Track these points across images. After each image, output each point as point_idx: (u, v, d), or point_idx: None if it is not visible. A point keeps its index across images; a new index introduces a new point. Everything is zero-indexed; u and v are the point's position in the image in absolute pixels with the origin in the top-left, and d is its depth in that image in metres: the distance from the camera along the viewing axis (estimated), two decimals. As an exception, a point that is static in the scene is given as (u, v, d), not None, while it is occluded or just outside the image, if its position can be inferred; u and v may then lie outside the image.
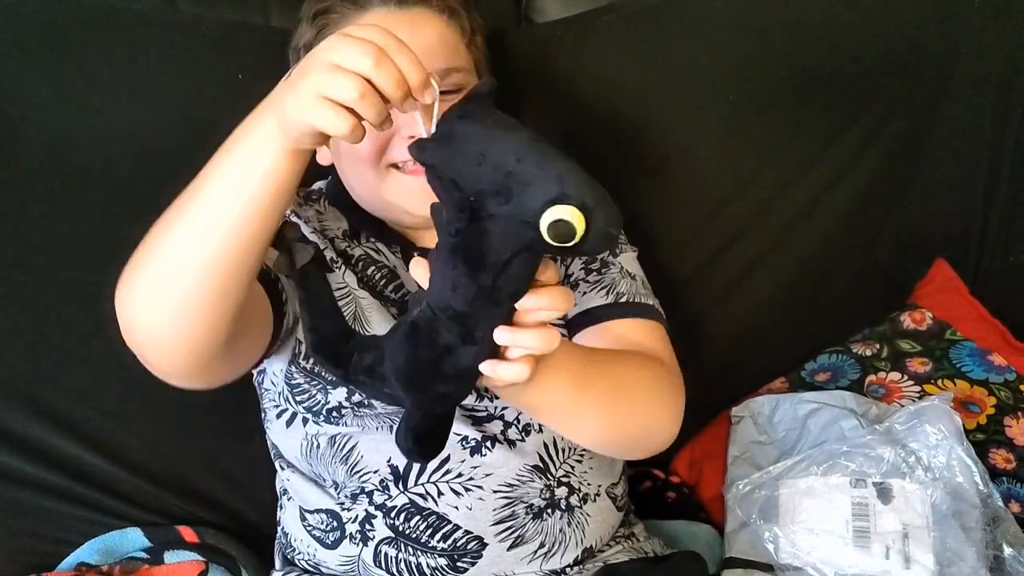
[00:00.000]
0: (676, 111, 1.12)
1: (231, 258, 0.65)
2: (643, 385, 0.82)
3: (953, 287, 1.20)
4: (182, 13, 1.05)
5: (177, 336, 0.68)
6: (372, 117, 0.58)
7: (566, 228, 0.57)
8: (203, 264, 0.65)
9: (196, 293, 0.66)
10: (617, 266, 0.92)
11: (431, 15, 0.87)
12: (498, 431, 0.85)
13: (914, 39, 1.16)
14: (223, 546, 0.98)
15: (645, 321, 0.89)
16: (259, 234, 0.65)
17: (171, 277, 0.66)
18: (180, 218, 0.66)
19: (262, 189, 0.63)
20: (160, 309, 0.67)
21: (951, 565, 0.91)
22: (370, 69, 0.57)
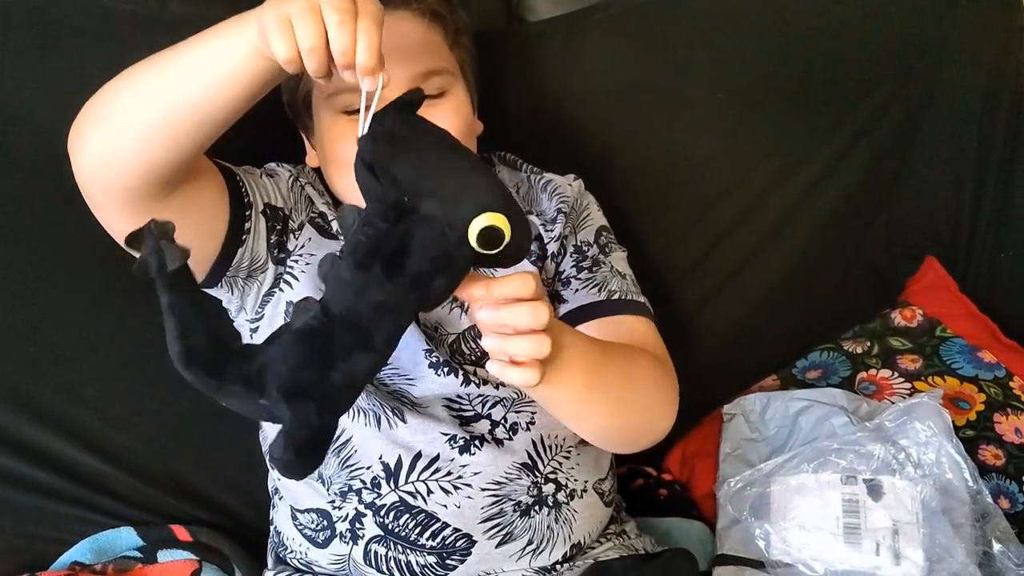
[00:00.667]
0: (667, 109, 1.13)
1: (179, 117, 0.71)
2: (646, 378, 0.83)
3: (943, 284, 1.21)
4: (173, 12, 1.05)
5: (117, 160, 0.74)
6: (311, 69, 0.64)
7: (495, 234, 0.59)
8: (160, 107, 0.71)
9: (147, 127, 0.72)
10: (608, 265, 0.92)
11: (412, 18, 0.88)
12: (485, 431, 0.86)
13: (903, 39, 1.17)
14: (216, 545, 0.99)
15: (638, 318, 0.90)
16: (210, 112, 0.71)
17: (132, 107, 0.73)
18: (156, 64, 0.72)
19: (227, 74, 0.69)
20: (111, 132, 0.73)
21: (940, 561, 0.91)
22: (332, 25, 0.62)
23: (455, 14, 0.92)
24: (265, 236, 0.85)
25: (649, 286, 0.96)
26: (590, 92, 1.11)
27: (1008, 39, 1.20)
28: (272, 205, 0.86)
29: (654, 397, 0.84)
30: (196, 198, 0.78)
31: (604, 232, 0.95)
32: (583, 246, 0.93)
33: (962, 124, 1.20)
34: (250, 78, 0.69)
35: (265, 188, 0.87)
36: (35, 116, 0.99)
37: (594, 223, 0.95)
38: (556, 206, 0.94)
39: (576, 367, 0.72)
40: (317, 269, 0.64)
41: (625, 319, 0.89)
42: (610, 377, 0.78)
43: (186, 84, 0.70)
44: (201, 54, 0.70)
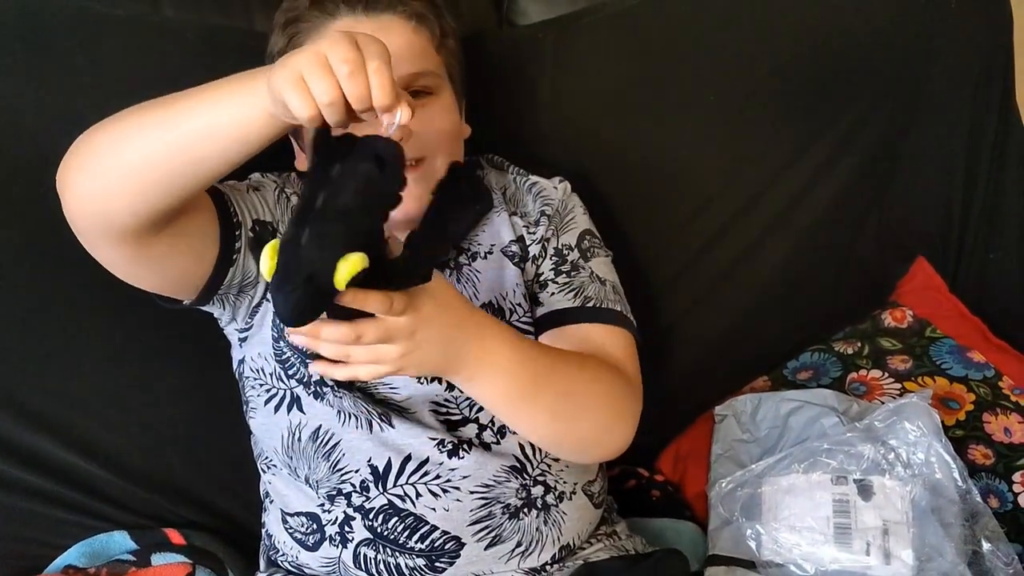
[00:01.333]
0: (657, 112, 1.13)
1: (176, 165, 0.71)
2: (597, 389, 0.84)
3: (933, 285, 1.21)
4: (166, 17, 1.05)
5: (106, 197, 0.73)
6: (333, 121, 0.64)
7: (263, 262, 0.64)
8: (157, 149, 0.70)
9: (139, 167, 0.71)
10: (587, 270, 0.92)
11: (398, 21, 0.88)
12: (473, 435, 0.86)
13: (892, 40, 1.17)
14: (209, 548, 0.99)
15: (611, 327, 0.89)
16: (209, 163, 0.71)
17: (122, 146, 0.72)
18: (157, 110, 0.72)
19: (230, 129, 0.69)
20: (102, 170, 0.73)
21: (930, 560, 0.92)
22: (343, 78, 0.62)
23: (441, 18, 0.92)
24: (255, 252, 0.85)
25: (639, 288, 0.97)
26: (580, 95, 1.11)
27: (997, 40, 1.20)
28: (261, 220, 0.87)
29: (605, 412, 0.84)
30: (187, 227, 0.78)
31: (587, 236, 0.95)
32: (564, 249, 0.93)
33: (951, 126, 1.21)
34: (257, 137, 0.69)
35: (253, 203, 0.87)
36: (28, 122, 0.99)
37: (577, 227, 0.95)
38: (540, 208, 0.95)
39: (500, 368, 0.77)
40: None
41: (595, 328, 0.89)
42: (548, 383, 0.80)
43: (189, 139, 0.70)
44: (207, 111, 0.69)
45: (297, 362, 0.87)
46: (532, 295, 0.92)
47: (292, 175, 0.95)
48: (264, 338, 0.88)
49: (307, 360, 0.86)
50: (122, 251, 0.76)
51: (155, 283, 0.83)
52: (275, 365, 0.88)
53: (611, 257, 0.96)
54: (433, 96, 0.88)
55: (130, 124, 0.72)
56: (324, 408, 0.86)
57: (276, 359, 0.88)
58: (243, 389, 0.93)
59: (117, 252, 0.77)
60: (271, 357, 0.88)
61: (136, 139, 0.71)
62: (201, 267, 0.82)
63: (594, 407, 0.84)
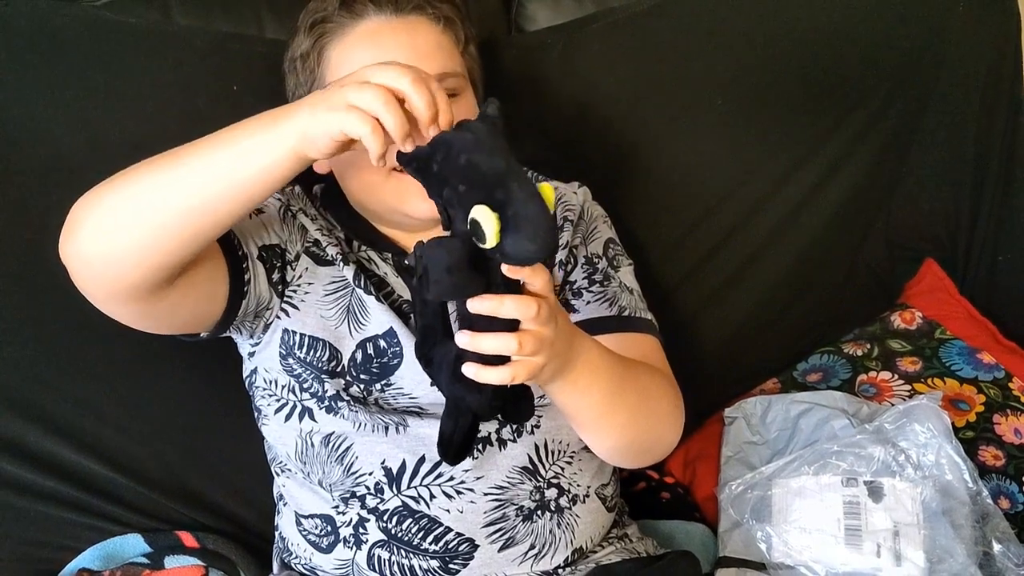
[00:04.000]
0: (665, 116, 1.13)
1: (195, 219, 0.70)
2: (658, 394, 0.85)
3: (942, 287, 1.21)
4: (177, 25, 1.06)
5: (118, 264, 0.72)
6: (393, 126, 0.64)
7: (477, 229, 0.62)
8: (174, 211, 0.69)
9: (157, 233, 0.70)
10: (618, 280, 0.93)
11: (427, 23, 0.89)
12: (492, 429, 0.86)
13: (900, 43, 1.17)
14: (222, 551, 0.99)
15: (645, 336, 0.91)
16: (230, 212, 0.70)
17: (136, 205, 0.70)
18: (171, 165, 0.70)
19: (254, 177, 0.68)
20: (115, 236, 0.71)
21: (941, 562, 0.92)
22: (407, 85, 0.65)
23: (465, 24, 0.93)
24: (265, 277, 0.86)
25: (650, 290, 0.97)
26: (589, 100, 1.12)
27: (1005, 42, 1.20)
28: (267, 245, 0.87)
29: (665, 412, 0.85)
30: (197, 276, 0.78)
31: (612, 244, 0.96)
32: (594, 258, 0.94)
33: (960, 127, 1.21)
34: (282, 180, 0.69)
35: (257, 230, 0.87)
36: (40, 128, 1.00)
37: (602, 235, 0.96)
38: (562, 214, 0.95)
39: (592, 374, 0.74)
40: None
41: (634, 336, 0.90)
42: (628, 389, 0.79)
43: (213, 197, 0.68)
44: (231, 165, 0.68)
45: (310, 378, 0.87)
46: (564, 301, 0.92)
47: (296, 189, 0.95)
48: (273, 353, 0.88)
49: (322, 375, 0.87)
50: (133, 308, 0.76)
51: (168, 329, 0.83)
52: (289, 379, 0.88)
53: (632, 265, 0.97)
54: (458, 97, 0.88)
55: (144, 185, 0.70)
56: (338, 420, 0.87)
57: (289, 373, 0.88)
58: (253, 398, 0.93)
59: (127, 309, 0.76)
60: (284, 371, 0.88)
61: (154, 201, 0.70)
62: (214, 306, 0.82)
63: (660, 408, 0.84)
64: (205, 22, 1.07)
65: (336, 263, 0.89)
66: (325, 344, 0.87)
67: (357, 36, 0.87)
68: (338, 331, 0.87)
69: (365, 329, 0.87)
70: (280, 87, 0.95)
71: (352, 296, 0.88)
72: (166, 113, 1.03)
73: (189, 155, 0.70)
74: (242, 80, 1.04)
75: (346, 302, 0.88)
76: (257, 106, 1.02)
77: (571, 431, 0.88)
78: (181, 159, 0.70)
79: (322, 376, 0.87)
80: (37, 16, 1.01)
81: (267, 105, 0.97)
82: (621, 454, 0.86)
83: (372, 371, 0.87)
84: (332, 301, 0.88)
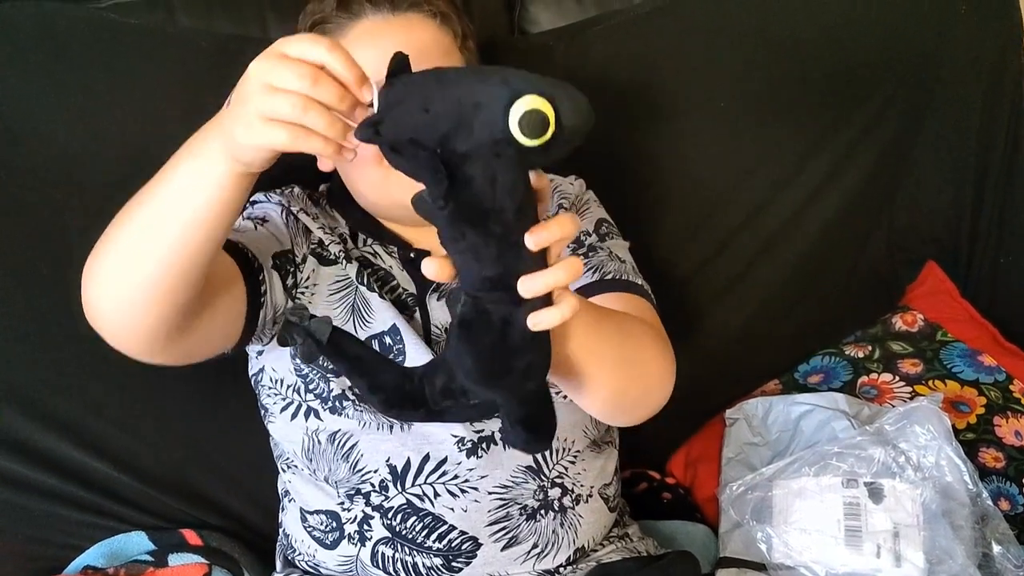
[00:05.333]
0: (668, 117, 1.14)
1: (180, 260, 0.69)
2: (648, 344, 0.82)
3: (944, 289, 1.21)
4: (181, 26, 1.06)
5: (131, 319, 0.72)
6: (322, 127, 0.59)
7: (537, 117, 0.54)
8: (154, 260, 0.69)
9: (148, 283, 0.70)
10: (606, 250, 0.92)
11: (424, 19, 0.89)
12: (495, 429, 0.86)
13: (902, 45, 1.17)
14: (226, 548, 1.00)
15: (632, 296, 0.89)
16: (205, 243, 0.68)
17: (126, 267, 0.71)
18: (133, 220, 0.70)
19: (207, 209, 0.66)
20: (116, 294, 0.72)
21: (941, 563, 0.92)
22: (309, 89, 0.58)
23: (462, 19, 0.93)
24: (280, 284, 0.86)
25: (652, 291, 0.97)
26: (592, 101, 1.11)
27: (1007, 44, 1.21)
28: (279, 252, 0.87)
29: (654, 362, 0.82)
30: (218, 299, 0.78)
31: (604, 223, 0.96)
32: (581, 236, 0.93)
33: (961, 129, 1.21)
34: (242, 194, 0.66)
35: (267, 240, 0.86)
36: (43, 128, 1.00)
37: (594, 215, 0.96)
38: (557, 203, 0.96)
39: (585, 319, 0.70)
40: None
41: (620, 296, 0.88)
42: (617, 336, 0.76)
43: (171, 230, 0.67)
44: (174, 200, 0.67)
45: (316, 378, 0.88)
46: None
47: (294, 190, 0.95)
48: (282, 353, 0.89)
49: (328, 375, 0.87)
50: (172, 349, 0.76)
51: (204, 356, 0.83)
52: (296, 379, 0.89)
53: (629, 245, 0.96)
54: None
55: (120, 243, 0.71)
56: (343, 419, 0.87)
57: (296, 374, 0.89)
58: (259, 396, 0.93)
59: (167, 353, 0.77)
60: (291, 371, 0.89)
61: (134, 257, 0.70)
62: (236, 326, 0.82)
63: (651, 360, 0.81)
64: (208, 23, 1.07)
65: (339, 261, 0.90)
66: None
67: (355, 36, 0.88)
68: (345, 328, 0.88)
69: (370, 326, 0.88)
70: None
71: (356, 294, 0.89)
72: (169, 114, 1.03)
73: (142, 204, 0.69)
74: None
75: (351, 300, 0.89)
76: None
77: (575, 430, 0.89)
78: (138, 210, 0.69)
79: (328, 375, 0.87)
80: (41, 17, 1.02)
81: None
82: (611, 406, 0.82)
83: None
84: (337, 300, 0.89)
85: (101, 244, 0.72)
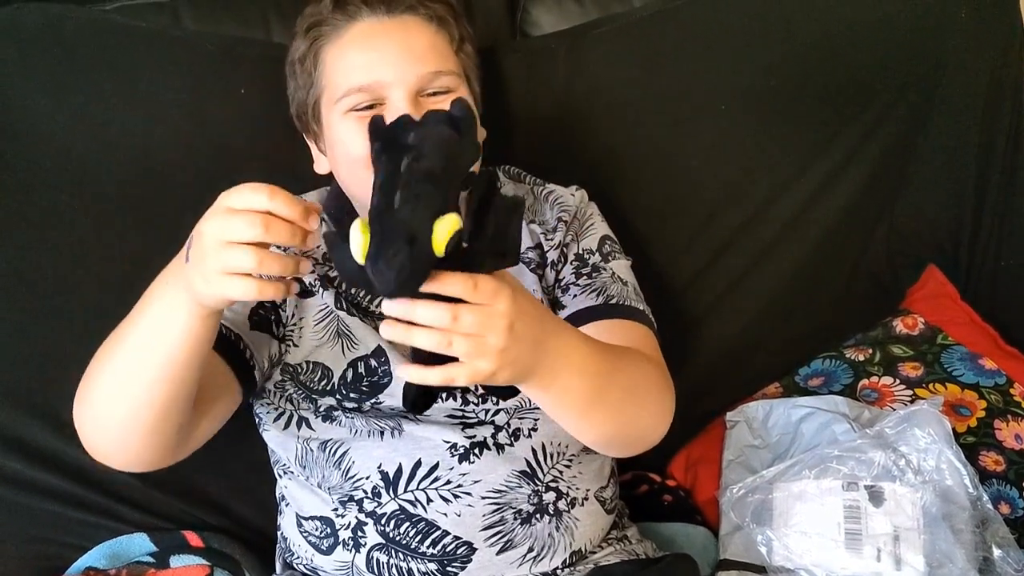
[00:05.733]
0: (669, 122, 1.14)
1: (162, 392, 0.73)
2: (649, 383, 0.84)
3: (944, 292, 1.21)
4: (186, 29, 1.07)
5: (126, 446, 0.78)
6: (277, 271, 0.64)
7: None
8: (136, 396, 0.74)
9: (135, 416, 0.75)
10: (609, 271, 0.93)
11: (420, 22, 0.90)
12: (488, 435, 0.87)
13: (902, 49, 1.17)
14: (227, 550, 1.00)
15: (635, 324, 0.90)
16: (184, 373, 0.73)
17: (112, 403, 0.76)
18: (113, 361, 0.75)
19: (180, 347, 0.71)
20: (107, 426, 0.78)
21: (941, 567, 0.92)
22: (263, 236, 0.62)
23: (460, 22, 0.94)
24: (267, 336, 0.89)
25: (653, 295, 0.98)
26: (593, 104, 1.13)
27: (1008, 48, 1.20)
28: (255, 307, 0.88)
29: (655, 404, 0.84)
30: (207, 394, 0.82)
31: (608, 241, 0.97)
32: (585, 254, 0.94)
33: (962, 133, 1.21)
34: (215, 329, 0.71)
35: (241, 305, 0.88)
36: (50, 131, 1.01)
37: (597, 232, 0.97)
38: (557, 215, 0.96)
39: (572, 376, 0.72)
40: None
41: (622, 323, 0.89)
42: (613, 385, 0.77)
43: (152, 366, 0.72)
44: (152, 340, 0.72)
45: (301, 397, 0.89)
46: (554, 300, 0.92)
47: None
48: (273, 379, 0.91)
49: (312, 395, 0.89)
50: (180, 452, 0.83)
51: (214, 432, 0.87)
52: (292, 389, 0.90)
53: (631, 262, 0.97)
54: (454, 93, 0.89)
55: (106, 381, 0.75)
56: (335, 427, 0.88)
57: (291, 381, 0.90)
58: (253, 405, 0.94)
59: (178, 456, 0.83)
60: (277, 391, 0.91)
61: (121, 392, 0.75)
62: (232, 401, 0.87)
63: (649, 400, 0.83)
64: (213, 26, 1.08)
65: (316, 291, 0.90)
66: (318, 365, 0.89)
67: (351, 37, 0.89)
68: (333, 352, 0.89)
69: (356, 349, 0.89)
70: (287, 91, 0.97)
71: (338, 321, 0.90)
72: (174, 116, 1.04)
73: (119, 348, 0.74)
74: (250, 83, 1.05)
75: (335, 327, 0.90)
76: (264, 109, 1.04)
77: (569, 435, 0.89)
78: (117, 352, 0.74)
79: (313, 396, 0.89)
80: (47, 19, 1.02)
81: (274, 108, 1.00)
82: (603, 446, 0.86)
83: (362, 389, 0.88)
84: (323, 329, 0.90)
85: (87, 380, 0.77)
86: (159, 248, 1.01)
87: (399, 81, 0.86)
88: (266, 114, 1.03)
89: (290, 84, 0.95)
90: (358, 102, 0.88)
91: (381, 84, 0.87)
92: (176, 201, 1.04)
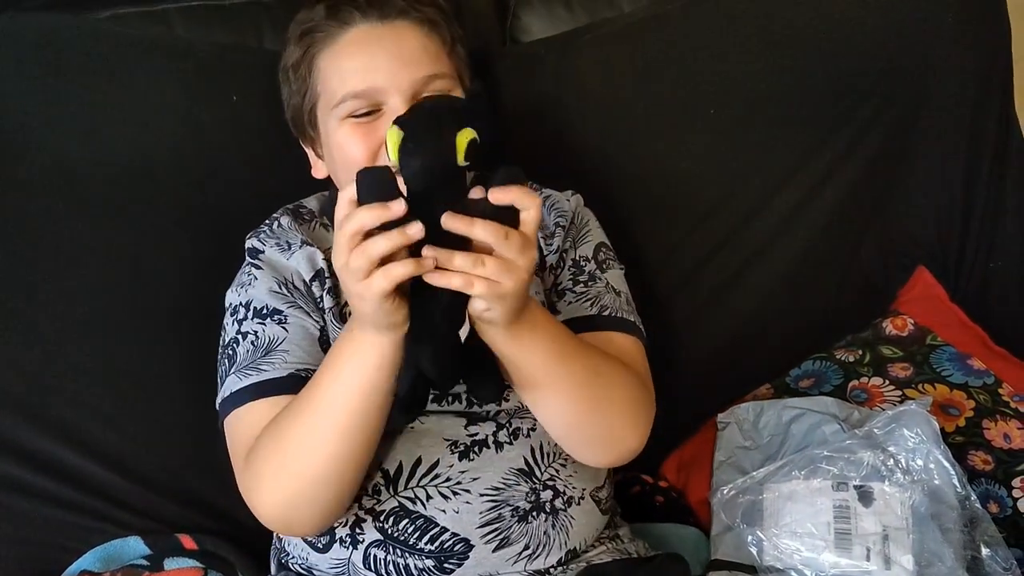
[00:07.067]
0: (658, 126, 1.15)
1: (360, 443, 0.79)
2: (618, 384, 0.85)
3: (934, 294, 1.21)
4: (178, 37, 1.08)
5: (309, 512, 0.82)
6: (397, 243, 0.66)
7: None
8: (334, 456, 0.79)
9: (341, 472, 0.80)
10: (604, 281, 0.94)
11: (412, 27, 0.91)
12: (490, 432, 0.88)
13: (891, 53, 1.18)
14: (221, 552, 1.00)
15: (626, 336, 0.92)
16: (380, 414, 0.78)
17: (300, 469, 0.80)
18: (308, 424, 0.79)
19: (385, 379, 0.76)
20: (288, 492, 0.81)
21: (930, 566, 0.92)
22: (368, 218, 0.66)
23: (451, 25, 0.95)
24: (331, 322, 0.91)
25: (644, 297, 0.98)
26: (583, 109, 1.13)
27: (996, 52, 1.21)
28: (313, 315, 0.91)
29: (625, 408, 0.86)
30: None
31: (603, 248, 0.97)
32: (581, 261, 0.95)
33: (951, 135, 1.21)
34: (392, 369, 0.75)
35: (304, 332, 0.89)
36: (42, 138, 1.02)
37: (593, 239, 0.98)
38: (555, 220, 0.97)
39: (535, 334, 0.77)
40: None
41: (613, 336, 0.91)
42: (576, 364, 0.82)
43: (362, 436, 0.78)
44: (362, 406, 0.76)
45: None
46: (550, 303, 0.93)
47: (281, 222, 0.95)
48: None
49: None
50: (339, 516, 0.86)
51: None
52: None
53: (624, 271, 0.98)
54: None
55: (287, 448, 0.79)
56: None
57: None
58: None
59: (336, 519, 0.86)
60: None
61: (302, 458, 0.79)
62: None
63: (618, 399, 0.85)
64: (206, 34, 1.09)
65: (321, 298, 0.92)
66: None
67: (345, 44, 0.89)
68: None
69: None
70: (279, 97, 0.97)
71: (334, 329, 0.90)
72: (167, 123, 1.05)
73: (320, 412, 0.78)
74: (242, 90, 1.06)
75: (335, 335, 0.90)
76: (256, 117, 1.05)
77: None
78: (313, 416, 0.79)
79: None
80: (40, 28, 1.03)
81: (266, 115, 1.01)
82: (566, 434, 0.86)
83: None
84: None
85: (277, 460, 0.80)
86: (153, 253, 1.04)
87: (395, 87, 0.87)
88: (259, 121, 1.04)
89: (284, 90, 0.96)
90: (355, 108, 0.88)
91: (377, 90, 0.88)
92: (169, 207, 1.05)
